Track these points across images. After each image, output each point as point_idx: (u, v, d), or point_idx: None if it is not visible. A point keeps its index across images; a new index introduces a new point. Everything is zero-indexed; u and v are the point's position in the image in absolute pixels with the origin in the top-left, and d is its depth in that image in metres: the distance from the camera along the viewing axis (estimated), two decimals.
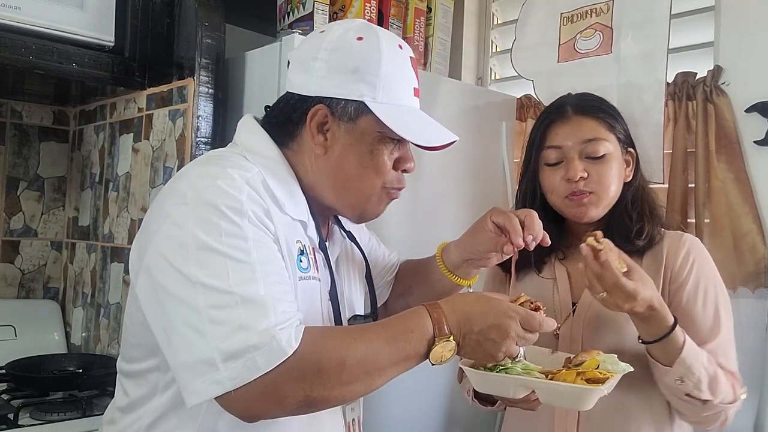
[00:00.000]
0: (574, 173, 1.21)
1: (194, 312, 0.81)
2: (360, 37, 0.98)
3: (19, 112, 2.01)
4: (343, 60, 0.97)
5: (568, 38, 1.88)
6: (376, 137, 0.98)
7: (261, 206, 0.90)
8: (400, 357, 0.87)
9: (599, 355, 1.05)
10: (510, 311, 0.92)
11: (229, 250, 0.83)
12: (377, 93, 0.96)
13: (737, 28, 1.65)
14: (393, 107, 0.98)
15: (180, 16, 1.63)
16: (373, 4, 1.77)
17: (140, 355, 0.96)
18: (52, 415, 1.45)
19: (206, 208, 0.85)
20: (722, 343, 1.17)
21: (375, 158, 0.98)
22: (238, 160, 0.95)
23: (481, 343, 0.91)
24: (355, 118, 0.97)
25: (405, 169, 1.04)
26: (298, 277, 0.95)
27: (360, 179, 0.99)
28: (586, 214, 1.24)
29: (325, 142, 0.98)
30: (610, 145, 1.24)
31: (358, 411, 1.10)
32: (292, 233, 0.96)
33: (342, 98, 0.97)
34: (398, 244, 1.65)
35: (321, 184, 1.01)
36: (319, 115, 0.97)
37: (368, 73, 0.96)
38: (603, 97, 1.33)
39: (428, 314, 0.90)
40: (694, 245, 1.24)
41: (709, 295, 1.19)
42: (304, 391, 0.81)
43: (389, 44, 0.99)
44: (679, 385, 1.10)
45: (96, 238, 1.91)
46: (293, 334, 0.81)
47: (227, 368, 0.79)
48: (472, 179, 1.86)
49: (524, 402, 1.05)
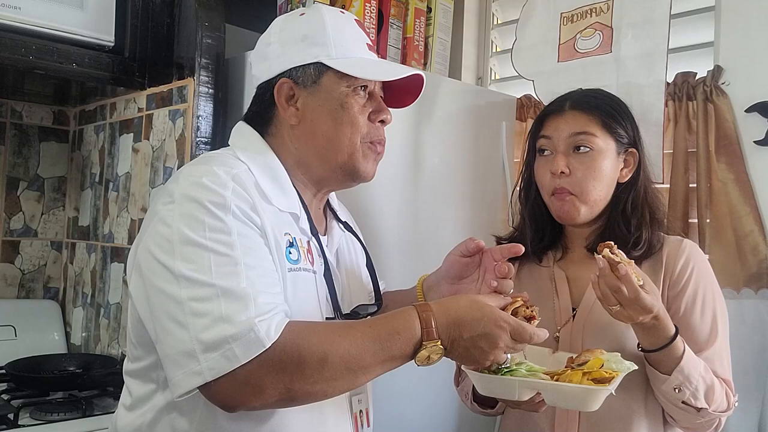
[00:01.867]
0: (556, 167, 1.22)
1: (177, 305, 0.84)
2: (302, 13, 1.06)
3: (19, 112, 2.01)
4: (292, 33, 1.04)
5: (568, 38, 1.88)
6: (342, 92, 1.02)
7: (246, 201, 0.92)
8: (385, 357, 0.88)
9: (603, 354, 1.04)
10: (501, 321, 0.91)
11: (213, 245, 0.86)
12: (330, 50, 1.02)
13: (737, 28, 1.65)
14: (349, 59, 1.02)
15: (180, 16, 1.63)
16: (373, 4, 1.77)
17: (141, 354, 0.98)
18: (52, 415, 1.45)
19: (191, 205, 0.89)
20: (718, 351, 1.17)
21: (347, 112, 1.02)
22: (228, 159, 0.99)
23: (470, 350, 0.91)
24: (317, 80, 1.02)
25: (382, 120, 1.07)
26: (288, 269, 0.96)
27: (338, 137, 1.03)
28: (569, 214, 1.23)
29: (297, 112, 1.03)
30: (600, 141, 1.22)
31: (366, 403, 1.10)
32: (281, 226, 0.98)
33: (300, 65, 1.02)
34: (398, 244, 1.65)
35: (305, 154, 1.04)
36: (285, 87, 1.03)
37: (316, 35, 1.02)
38: (616, 96, 1.31)
39: (418, 316, 0.90)
40: (693, 252, 1.24)
41: (707, 304, 1.19)
42: (284, 384, 0.82)
43: (330, 11, 1.06)
44: (677, 394, 1.10)
45: (96, 238, 1.91)
46: (273, 326, 0.83)
47: (207, 359, 0.81)
48: (472, 179, 1.86)
49: (528, 404, 1.04)
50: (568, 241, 1.33)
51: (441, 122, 1.76)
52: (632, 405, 1.19)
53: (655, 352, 1.09)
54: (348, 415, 1.06)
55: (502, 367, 1.00)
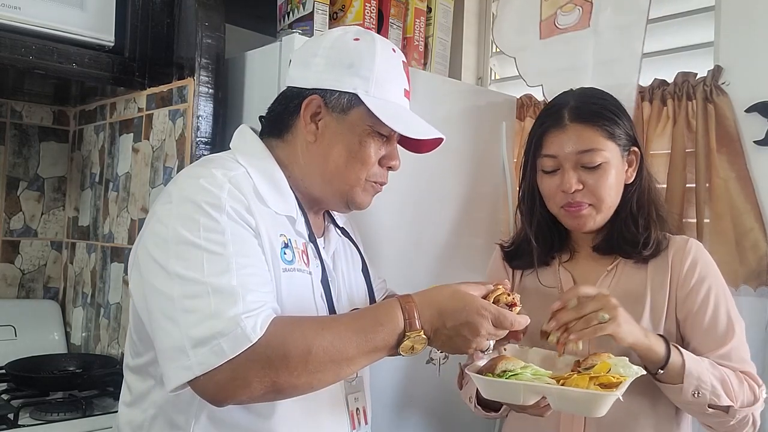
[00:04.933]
0: (569, 186, 1.19)
1: (170, 301, 0.87)
2: (357, 38, 1.06)
3: (19, 112, 2.00)
4: (340, 56, 1.04)
5: (550, 14, 1.86)
6: (365, 130, 1.04)
7: (241, 202, 0.94)
8: (369, 348, 0.90)
9: (610, 358, 1.03)
10: (483, 310, 0.94)
11: (206, 244, 0.88)
12: (370, 87, 1.03)
13: (737, 28, 1.65)
14: (383, 102, 1.03)
15: (180, 16, 1.62)
16: (373, 4, 1.77)
17: (142, 350, 1.00)
18: (52, 415, 1.45)
19: (187, 205, 0.91)
20: (736, 345, 1.17)
21: (362, 150, 1.04)
22: (227, 162, 1.01)
23: (452, 338, 0.94)
24: (347, 110, 1.03)
25: (390, 167, 1.09)
26: (282, 269, 0.98)
27: (346, 168, 1.04)
28: (584, 225, 1.22)
29: (316, 131, 1.04)
30: (608, 153, 1.19)
31: (363, 401, 1.11)
32: (276, 228, 1.00)
33: (336, 90, 1.03)
34: (398, 244, 1.65)
35: (311, 172, 1.06)
36: (313, 104, 1.03)
37: (362, 68, 1.03)
38: (606, 92, 1.28)
39: (401, 308, 0.92)
40: (699, 251, 1.23)
41: (720, 301, 1.19)
42: (270, 378, 0.85)
43: (383, 46, 1.06)
44: (699, 399, 1.09)
45: (96, 238, 1.91)
46: (259, 322, 0.85)
47: (196, 354, 0.83)
48: (472, 179, 1.86)
49: (534, 408, 1.03)
50: (575, 244, 1.32)
51: (441, 122, 1.74)
52: (640, 411, 1.18)
53: (663, 370, 1.09)
54: (345, 413, 1.07)
55: (507, 371, 0.99)
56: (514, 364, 1.02)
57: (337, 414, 1.05)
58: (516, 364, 1.02)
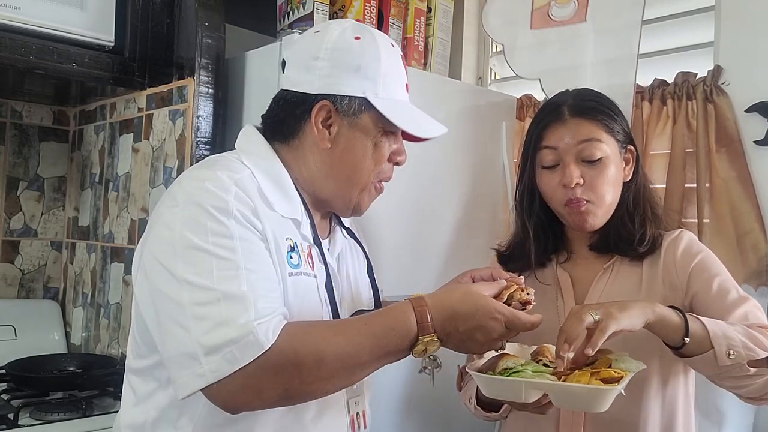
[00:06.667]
0: (570, 179, 1.19)
1: (179, 308, 0.85)
2: (357, 36, 1.03)
3: (19, 112, 2.01)
4: (345, 58, 1.01)
5: (543, 4, 1.82)
6: (379, 131, 1.03)
7: (248, 206, 0.93)
8: (381, 353, 0.89)
9: (611, 353, 1.02)
10: (495, 313, 0.92)
11: (215, 249, 0.87)
12: (378, 89, 1.02)
13: (737, 28, 1.65)
14: (392, 102, 1.03)
15: (180, 16, 1.63)
16: (373, 4, 1.77)
17: (146, 352, 0.99)
18: (52, 415, 1.45)
19: (194, 209, 0.90)
20: (751, 308, 1.15)
21: (377, 151, 1.04)
22: (232, 163, 0.99)
23: (465, 342, 0.93)
24: (358, 114, 1.02)
25: (397, 162, 1.09)
26: (288, 273, 0.97)
27: (361, 170, 1.04)
28: (586, 223, 1.22)
29: (329, 137, 1.03)
30: (607, 147, 1.20)
31: (363, 405, 1.11)
32: (282, 231, 0.98)
33: (346, 95, 1.01)
34: (398, 244, 1.65)
35: (322, 176, 1.04)
36: (323, 110, 1.01)
37: (370, 70, 1.01)
38: (602, 93, 1.29)
39: (413, 311, 0.91)
40: (691, 238, 1.25)
41: (725, 276, 1.19)
42: (282, 384, 0.84)
43: (384, 43, 1.04)
44: (736, 358, 1.03)
45: (96, 238, 1.91)
46: (271, 328, 0.84)
47: (209, 362, 0.82)
48: (472, 179, 1.86)
49: (535, 406, 1.03)
50: (572, 244, 1.32)
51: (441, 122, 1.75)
52: (641, 406, 1.17)
53: (689, 338, 1.04)
54: (345, 417, 1.06)
55: (507, 369, 0.99)
56: (515, 362, 1.02)
57: (338, 418, 1.05)
58: (516, 362, 1.02)
